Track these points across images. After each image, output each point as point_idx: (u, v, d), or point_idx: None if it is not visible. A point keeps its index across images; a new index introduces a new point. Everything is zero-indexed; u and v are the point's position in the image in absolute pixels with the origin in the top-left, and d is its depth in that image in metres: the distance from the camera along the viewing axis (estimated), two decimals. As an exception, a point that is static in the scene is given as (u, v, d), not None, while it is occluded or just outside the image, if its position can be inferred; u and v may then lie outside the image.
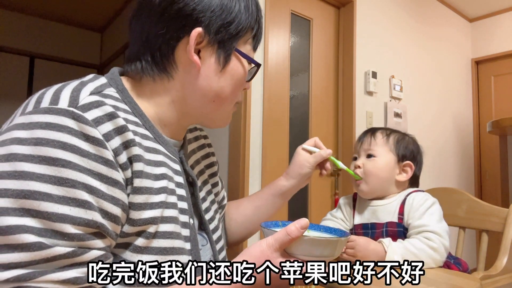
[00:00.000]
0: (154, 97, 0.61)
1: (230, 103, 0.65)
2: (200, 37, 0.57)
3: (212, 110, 0.63)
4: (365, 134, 1.00)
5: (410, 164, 0.96)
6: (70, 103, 0.48)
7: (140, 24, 0.60)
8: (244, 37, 0.61)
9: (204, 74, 0.59)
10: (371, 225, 0.93)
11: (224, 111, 0.65)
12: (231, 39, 0.59)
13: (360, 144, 0.99)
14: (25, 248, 0.41)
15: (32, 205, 0.42)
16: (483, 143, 3.59)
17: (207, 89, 0.60)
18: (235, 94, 0.64)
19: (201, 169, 0.75)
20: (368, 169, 0.94)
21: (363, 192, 0.95)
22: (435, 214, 0.87)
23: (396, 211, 0.91)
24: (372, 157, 0.95)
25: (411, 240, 0.83)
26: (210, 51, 0.59)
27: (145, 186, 0.52)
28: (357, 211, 0.99)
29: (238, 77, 0.62)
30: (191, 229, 0.61)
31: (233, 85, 0.62)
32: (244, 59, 0.62)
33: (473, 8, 3.53)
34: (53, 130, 0.45)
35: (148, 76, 0.60)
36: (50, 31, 3.97)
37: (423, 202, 0.89)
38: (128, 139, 0.51)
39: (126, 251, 0.51)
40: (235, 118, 2.01)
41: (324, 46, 2.50)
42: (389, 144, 0.96)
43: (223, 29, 0.58)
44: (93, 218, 0.45)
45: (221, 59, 0.60)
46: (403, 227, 0.89)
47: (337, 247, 0.53)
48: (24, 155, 0.43)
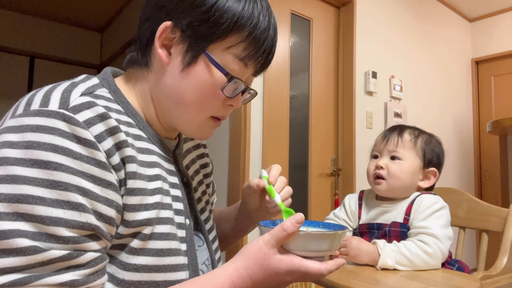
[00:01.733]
0: (137, 86, 0.61)
1: (198, 112, 0.58)
2: (171, 32, 0.55)
3: (178, 115, 0.59)
4: (392, 132, 0.94)
5: (435, 172, 0.93)
6: (61, 104, 0.47)
7: (141, 13, 0.61)
8: (222, 42, 0.55)
9: (170, 71, 0.57)
10: (377, 225, 0.91)
11: (192, 120, 0.59)
12: (201, 39, 0.54)
13: (385, 143, 0.93)
14: (20, 252, 0.41)
15: (25, 209, 0.42)
16: (483, 143, 3.59)
17: (170, 88, 0.57)
18: (202, 104, 0.57)
19: (196, 169, 0.74)
20: (393, 172, 0.90)
21: (381, 191, 0.92)
22: (441, 219, 0.85)
23: (403, 212, 0.89)
24: (397, 159, 0.91)
25: (406, 243, 0.81)
26: (180, 48, 0.56)
27: (138, 187, 0.52)
28: (364, 210, 0.97)
29: (204, 84, 0.56)
30: (187, 230, 0.61)
31: (197, 91, 0.56)
32: (214, 67, 0.55)
33: (473, 8, 3.53)
34: (44, 132, 0.44)
35: (136, 64, 0.61)
36: (50, 31, 3.97)
37: (431, 204, 0.87)
38: (121, 140, 0.50)
39: (121, 252, 0.51)
40: (235, 118, 2.01)
41: (324, 46, 2.49)
42: (417, 148, 0.92)
43: (193, 27, 0.54)
44: (87, 220, 0.45)
45: (186, 58, 0.55)
46: (408, 228, 0.87)
47: (335, 241, 0.53)
48: (16, 159, 0.43)
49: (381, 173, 0.91)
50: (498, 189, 2.77)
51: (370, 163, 0.97)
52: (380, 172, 0.91)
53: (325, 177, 2.43)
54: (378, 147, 0.95)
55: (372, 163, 0.95)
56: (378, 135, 0.99)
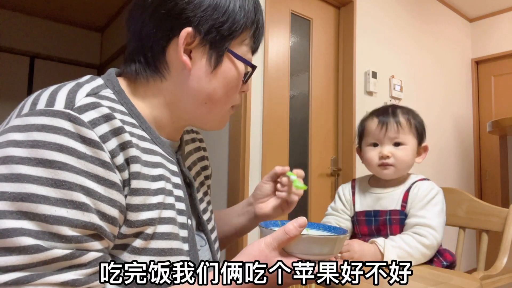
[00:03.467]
0: (148, 98, 0.60)
1: (224, 105, 0.63)
2: (191, 37, 0.56)
3: (205, 113, 0.62)
4: (386, 117, 0.95)
5: (426, 147, 0.97)
6: (66, 104, 0.47)
7: (134, 23, 0.59)
8: (239, 37, 0.59)
9: (195, 75, 0.58)
10: (375, 212, 0.94)
11: (217, 114, 0.63)
12: (223, 39, 0.57)
13: (384, 132, 0.94)
14: (22, 251, 0.41)
15: (29, 208, 0.42)
16: (483, 143, 3.59)
17: (198, 91, 0.59)
18: (229, 97, 0.62)
19: (198, 170, 0.75)
20: (400, 158, 0.93)
21: (389, 175, 0.95)
22: (437, 206, 0.89)
23: (400, 199, 0.92)
24: (400, 145, 0.94)
25: (404, 238, 0.85)
26: (202, 51, 0.57)
27: (142, 188, 0.52)
28: (357, 198, 1.00)
29: (231, 79, 0.60)
30: (189, 230, 0.61)
31: (225, 87, 0.60)
32: (238, 61, 0.60)
33: (473, 8, 3.53)
34: (49, 132, 0.44)
35: (142, 78, 0.59)
36: (50, 31, 3.97)
37: (428, 192, 0.90)
38: (125, 140, 0.51)
39: (124, 252, 0.51)
40: (235, 118, 2.01)
41: (324, 46, 2.50)
42: (413, 129, 0.95)
43: (215, 29, 0.56)
44: (90, 220, 0.45)
45: (212, 60, 0.58)
46: (405, 214, 0.91)
47: (336, 245, 0.53)
48: (21, 158, 0.43)
49: (389, 162, 0.93)
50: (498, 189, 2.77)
51: (369, 151, 0.97)
52: (387, 162, 0.93)
53: (325, 177, 2.43)
54: (377, 135, 0.95)
55: (373, 152, 0.96)
56: (368, 119, 0.99)
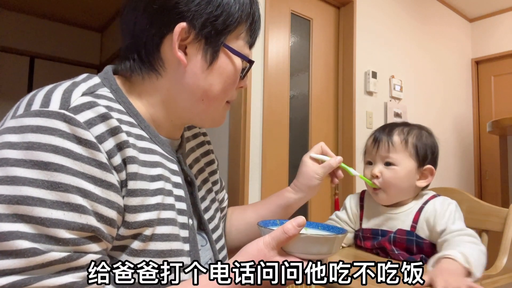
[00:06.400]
0: (144, 96, 0.59)
1: (221, 102, 0.61)
2: (185, 33, 0.54)
3: (202, 110, 0.60)
4: (381, 137, 0.89)
5: (431, 169, 0.88)
6: (62, 105, 0.46)
7: (127, 20, 0.58)
8: (234, 31, 0.57)
9: (191, 71, 0.56)
10: (382, 232, 0.88)
11: (215, 110, 0.62)
12: (219, 34, 0.56)
13: (376, 150, 0.89)
14: (19, 254, 0.40)
15: (25, 211, 0.41)
16: (483, 143, 3.59)
17: (195, 87, 0.57)
18: (226, 93, 0.60)
19: (200, 167, 0.74)
20: (388, 179, 0.86)
21: (382, 200, 0.89)
22: (462, 217, 0.83)
23: (410, 220, 0.86)
24: (391, 165, 0.87)
25: (464, 250, 0.69)
26: (197, 47, 0.56)
27: (140, 188, 0.52)
28: (365, 214, 0.93)
29: (228, 75, 0.58)
30: (190, 230, 0.60)
31: (222, 83, 0.58)
32: (234, 56, 0.58)
33: (473, 8, 3.53)
34: (44, 133, 0.44)
35: (137, 75, 0.58)
36: (50, 31, 3.97)
37: (447, 207, 0.83)
38: (122, 140, 0.50)
39: (122, 254, 0.51)
40: (235, 118, 2.01)
41: (324, 46, 2.49)
42: (409, 149, 0.87)
43: (209, 24, 0.55)
44: (87, 222, 0.45)
45: (208, 56, 0.56)
46: (416, 235, 0.83)
47: (335, 244, 0.53)
48: (16, 160, 0.42)
49: (376, 182, 0.87)
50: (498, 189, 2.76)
51: (365, 169, 0.93)
52: (375, 182, 0.88)
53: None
54: (370, 153, 0.91)
55: (367, 171, 0.92)
56: (369, 136, 0.95)
